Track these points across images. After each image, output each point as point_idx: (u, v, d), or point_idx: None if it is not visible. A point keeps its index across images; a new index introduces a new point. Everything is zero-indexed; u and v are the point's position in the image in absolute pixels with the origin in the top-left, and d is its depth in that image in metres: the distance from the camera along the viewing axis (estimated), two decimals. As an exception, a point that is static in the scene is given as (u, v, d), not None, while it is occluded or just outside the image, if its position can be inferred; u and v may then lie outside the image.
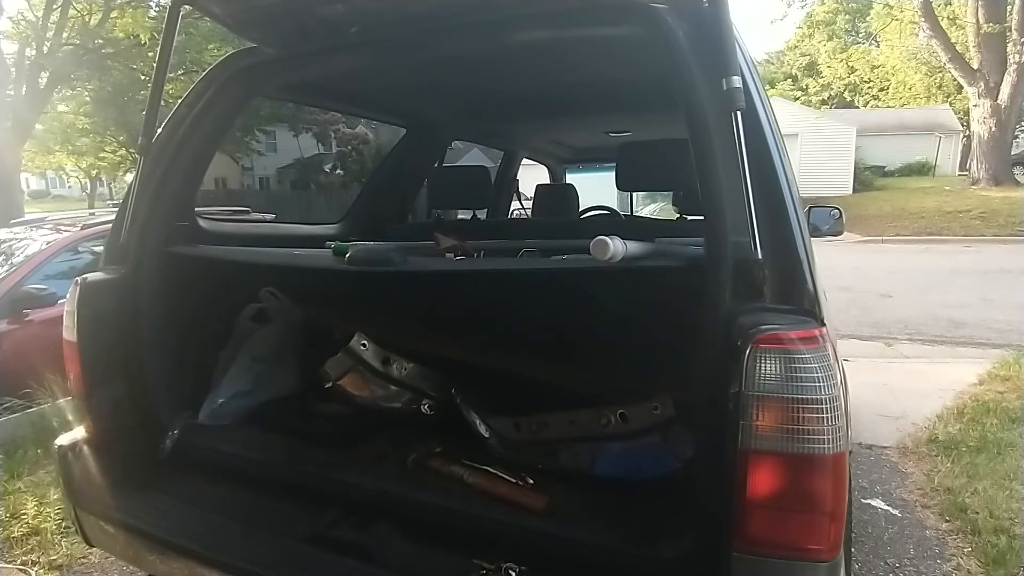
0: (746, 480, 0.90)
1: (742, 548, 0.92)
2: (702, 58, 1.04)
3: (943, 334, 5.52)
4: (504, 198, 3.84)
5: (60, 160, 20.00)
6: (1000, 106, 15.98)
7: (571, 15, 1.23)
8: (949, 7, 19.37)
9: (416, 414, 1.62)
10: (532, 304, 1.47)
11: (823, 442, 0.87)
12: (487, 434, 1.47)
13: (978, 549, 2.22)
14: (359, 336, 1.66)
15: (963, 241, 12.17)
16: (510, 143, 3.68)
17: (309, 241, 2.06)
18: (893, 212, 14.57)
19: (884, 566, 2.17)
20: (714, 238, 1.00)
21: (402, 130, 2.81)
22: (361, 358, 1.65)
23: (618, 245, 1.11)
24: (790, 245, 1.02)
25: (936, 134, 23.25)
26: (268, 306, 1.76)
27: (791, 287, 1.00)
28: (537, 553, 1.14)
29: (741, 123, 0.98)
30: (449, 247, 1.79)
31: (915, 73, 25.69)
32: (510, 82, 2.05)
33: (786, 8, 23.80)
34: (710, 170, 1.01)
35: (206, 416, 1.58)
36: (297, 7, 1.36)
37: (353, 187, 12.07)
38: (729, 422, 0.91)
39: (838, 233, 2.18)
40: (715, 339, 0.95)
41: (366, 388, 1.64)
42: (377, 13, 1.34)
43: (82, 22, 12.25)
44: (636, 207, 4.13)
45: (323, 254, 1.63)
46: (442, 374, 1.64)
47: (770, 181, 1.04)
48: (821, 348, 0.90)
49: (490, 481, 1.32)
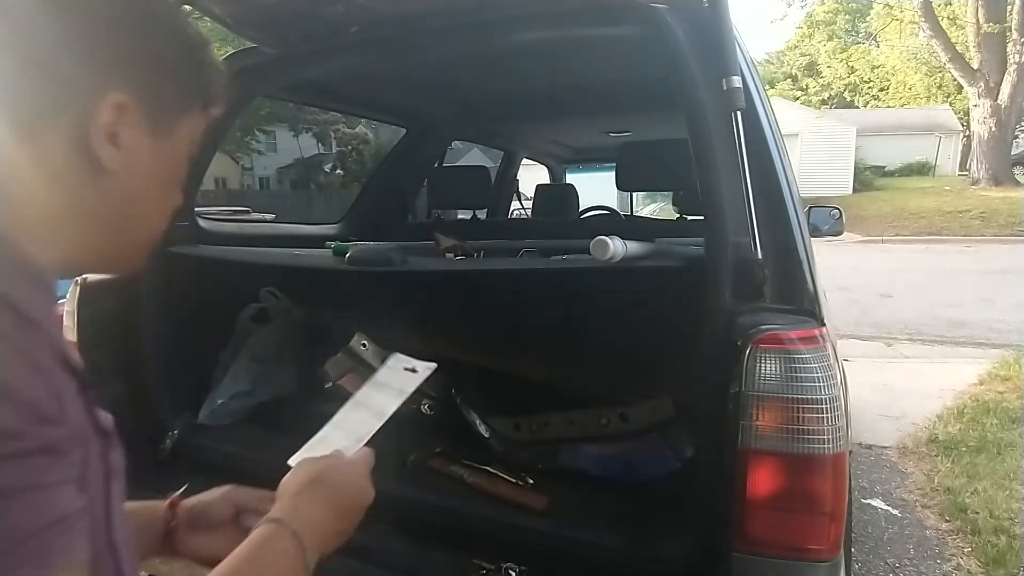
0: (746, 480, 0.90)
1: (742, 548, 0.92)
2: (702, 58, 1.04)
3: (943, 334, 5.52)
4: (504, 198, 3.84)
5: (60, 160, 19.98)
6: (1000, 106, 15.98)
7: (571, 15, 1.23)
8: (949, 7, 19.38)
9: (416, 414, 1.62)
10: (532, 304, 1.47)
11: (823, 442, 0.87)
12: (487, 434, 1.47)
13: (978, 549, 2.23)
14: (359, 336, 1.66)
15: (963, 241, 12.17)
16: (510, 143, 3.68)
17: (309, 241, 2.06)
18: (893, 212, 14.57)
19: (884, 566, 2.18)
20: (714, 238, 1.00)
21: (402, 130, 2.81)
22: (361, 358, 1.65)
23: (618, 245, 1.11)
24: (790, 245, 1.02)
25: (936, 134, 23.25)
26: (268, 306, 1.76)
27: (791, 287, 1.00)
28: (537, 553, 1.14)
29: (741, 123, 0.98)
30: (449, 247, 1.79)
31: (915, 73, 25.72)
32: (510, 82, 2.05)
33: (786, 8, 23.79)
34: (710, 170, 1.01)
35: (206, 416, 1.58)
36: (297, 7, 1.36)
37: (353, 187, 12.08)
38: (729, 422, 0.91)
39: (838, 233, 2.18)
40: (715, 339, 0.95)
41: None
42: (377, 13, 1.34)
43: (82, 22, 12.27)
44: (636, 207, 4.13)
45: (323, 254, 1.63)
46: (442, 374, 1.64)
47: (770, 181, 1.04)
48: (821, 348, 0.90)
49: (490, 481, 1.32)
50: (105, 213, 0.56)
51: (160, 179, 0.60)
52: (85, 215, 0.55)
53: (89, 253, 0.57)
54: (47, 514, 0.39)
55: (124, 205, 0.57)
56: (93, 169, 0.53)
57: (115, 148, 0.54)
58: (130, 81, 0.54)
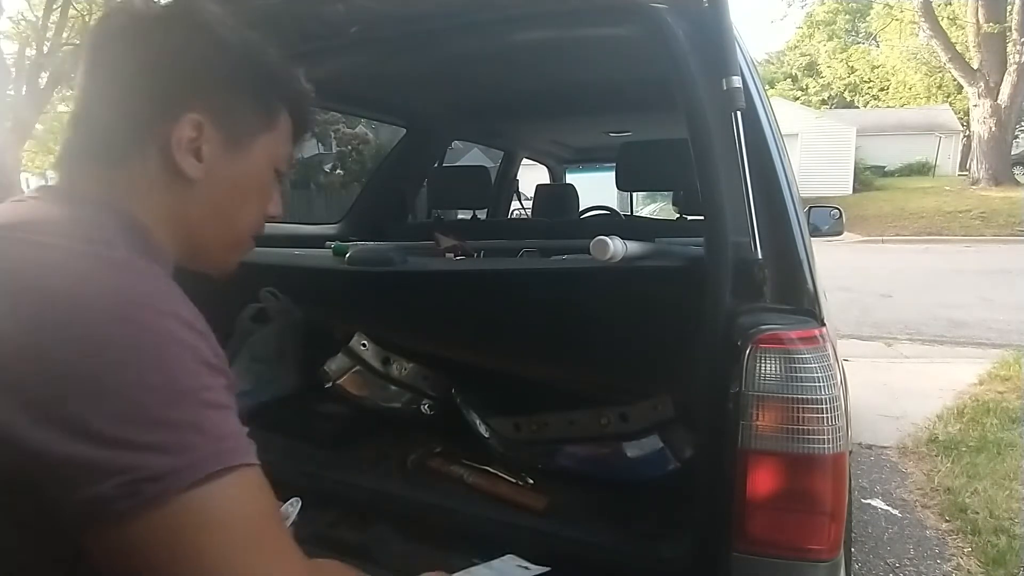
0: (746, 480, 0.90)
1: (742, 548, 0.91)
2: (702, 58, 1.04)
3: (943, 334, 5.52)
4: (504, 198, 3.84)
5: (60, 160, 19.99)
6: (1000, 106, 15.97)
7: (571, 15, 1.23)
8: (949, 7, 19.39)
9: (416, 414, 1.62)
10: (532, 304, 1.47)
11: (823, 442, 0.87)
12: (487, 434, 1.47)
13: (978, 549, 2.23)
14: (359, 336, 1.66)
15: (963, 241, 12.17)
16: (510, 143, 3.68)
17: (309, 241, 2.06)
18: (893, 212, 14.56)
19: (884, 566, 2.18)
20: (714, 238, 1.00)
21: (402, 130, 2.81)
22: (361, 358, 1.65)
23: (618, 245, 1.11)
24: (790, 245, 1.02)
25: (936, 134, 23.23)
26: (268, 306, 1.76)
27: (791, 287, 1.00)
28: (537, 553, 1.14)
29: (741, 123, 0.98)
30: (449, 247, 1.79)
31: (915, 73, 25.73)
32: (510, 82, 2.05)
33: (786, 8, 23.93)
34: (710, 170, 1.01)
35: (206, 416, 1.58)
36: (297, 7, 1.36)
37: (353, 187, 12.06)
38: (729, 422, 0.91)
39: (838, 233, 2.18)
40: (715, 339, 0.95)
41: (366, 388, 1.64)
42: (377, 13, 1.34)
43: (82, 22, 12.26)
44: (636, 207, 4.13)
45: (323, 254, 1.63)
46: (442, 374, 1.64)
47: (770, 181, 1.04)
48: (821, 348, 0.90)
49: (490, 481, 1.32)
50: (195, 218, 0.66)
51: (241, 188, 0.69)
52: (180, 220, 0.65)
53: (187, 253, 0.67)
54: (239, 426, 0.55)
55: (210, 211, 0.67)
56: (181, 179, 0.63)
57: (197, 160, 0.64)
58: (205, 102, 0.64)
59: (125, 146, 0.62)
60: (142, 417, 0.48)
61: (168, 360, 0.51)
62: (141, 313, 0.52)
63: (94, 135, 0.64)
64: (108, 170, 0.62)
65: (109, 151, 0.63)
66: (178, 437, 0.49)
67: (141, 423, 0.48)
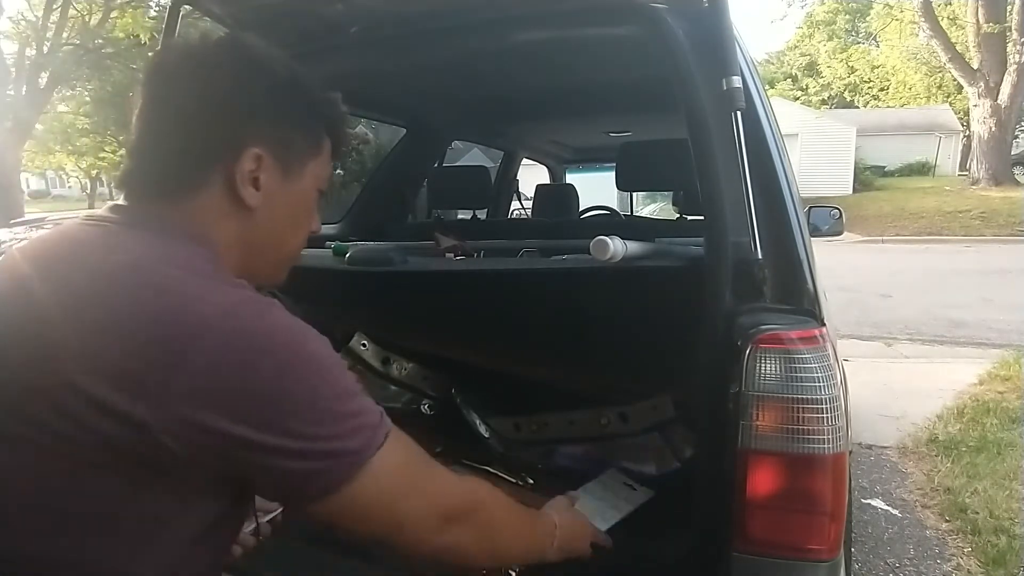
0: (746, 480, 0.90)
1: (742, 548, 0.92)
2: (702, 58, 1.04)
3: (943, 334, 5.52)
4: (504, 198, 3.84)
5: (60, 160, 20.03)
6: (1000, 106, 15.96)
7: (571, 15, 1.23)
8: (949, 7, 19.38)
9: (416, 414, 1.62)
10: (532, 304, 1.46)
11: (823, 442, 0.87)
12: (487, 434, 1.48)
13: (978, 549, 2.23)
14: (359, 336, 1.66)
15: (963, 241, 12.16)
16: (510, 143, 3.67)
17: (309, 241, 2.06)
18: (893, 212, 14.55)
19: (884, 566, 2.18)
20: (714, 238, 1.00)
21: (402, 130, 2.81)
22: (361, 358, 1.65)
23: (618, 245, 1.11)
24: (790, 245, 1.02)
25: (936, 134, 23.24)
26: (268, 306, 1.75)
27: (791, 287, 1.00)
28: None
29: (741, 123, 0.98)
30: (449, 247, 1.79)
31: (915, 73, 25.72)
32: (510, 82, 2.05)
33: (786, 8, 23.95)
34: (710, 170, 1.01)
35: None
36: (297, 7, 1.36)
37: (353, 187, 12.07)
38: (729, 422, 0.91)
39: (838, 233, 2.18)
40: (715, 339, 0.95)
41: (366, 388, 1.64)
42: (377, 13, 1.34)
43: (82, 22, 12.27)
44: (636, 207, 4.13)
45: (323, 254, 1.63)
46: (442, 374, 1.64)
47: (770, 181, 1.04)
48: (821, 348, 0.90)
49: (490, 481, 1.32)
50: (254, 241, 0.73)
51: (294, 210, 0.77)
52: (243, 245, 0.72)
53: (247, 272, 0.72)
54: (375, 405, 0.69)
55: (266, 235, 0.74)
56: (243, 208, 0.71)
57: (256, 190, 0.70)
58: (263, 136, 0.70)
59: (193, 178, 0.69)
60: (329, 417, 0.63)
61: (331, 369, 0.65)
62: (293, 337, 0.63)
63: (161, 167, 0.69)
64: (181, 201, 0.68)
65: (179, 183, 0.69)
66: (358, 422, 0.65)
67: (330, 422, 0.63)
